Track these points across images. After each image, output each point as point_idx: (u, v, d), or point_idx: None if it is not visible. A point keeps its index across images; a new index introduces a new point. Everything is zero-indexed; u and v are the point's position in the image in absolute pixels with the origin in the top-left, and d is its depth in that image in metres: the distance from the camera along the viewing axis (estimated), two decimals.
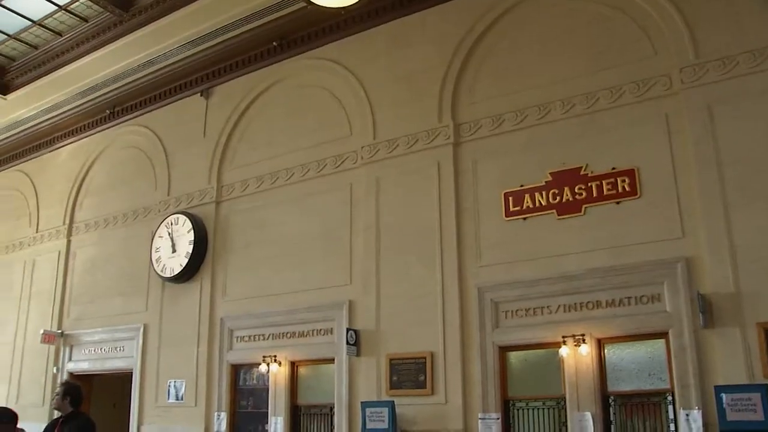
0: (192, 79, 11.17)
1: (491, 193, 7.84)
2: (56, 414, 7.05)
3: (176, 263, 10.32)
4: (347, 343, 8.26)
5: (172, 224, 10.57)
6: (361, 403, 7.88)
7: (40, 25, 11.42)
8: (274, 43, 10.08)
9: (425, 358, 7.77)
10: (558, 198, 7.38)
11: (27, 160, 14.24)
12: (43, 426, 8.89)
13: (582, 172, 7.31)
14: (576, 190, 7.29)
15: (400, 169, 8.57)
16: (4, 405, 6.92)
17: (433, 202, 8.16)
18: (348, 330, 8.34)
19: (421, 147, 8.44)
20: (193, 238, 10.19)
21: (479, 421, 7.31)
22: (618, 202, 7.06)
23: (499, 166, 7.87)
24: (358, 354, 8.32)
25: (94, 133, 12.83)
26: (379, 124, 8.90)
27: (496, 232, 7.71)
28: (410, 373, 7.85)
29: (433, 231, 8.08)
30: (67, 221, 12.80)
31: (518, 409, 7.30)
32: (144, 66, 11.34)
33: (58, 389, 6.64)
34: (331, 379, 8.65)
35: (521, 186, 7.62)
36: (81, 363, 11.83)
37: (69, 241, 12.66)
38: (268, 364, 9.10)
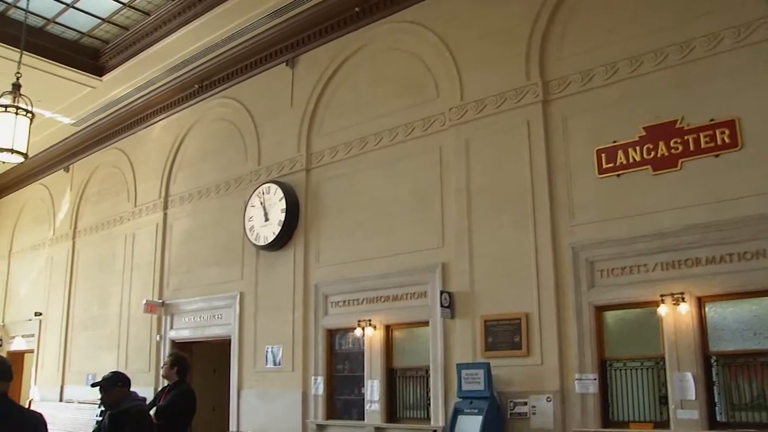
0: (277, 49, 11.43)
1: (583, 151, 7.77)
2: (164, 382, 7.52)
3: (269, 231, 10.66)
4: (441, 305, 8.37)
5: (263, 193, 10.90)
6: (457, 365, 7.99)
7: (130, 6, 11.85)
8: (357, 9, 10.17)
9: (520, 319, 7.84)
10: (653, 153, 7.25)
11: (123, 138, 14.94)
12: (150, 390, 9.45)
13: (677, 126, 7.13)
14: (671, 144, 7.13)
15: (490, 130, 8.57)
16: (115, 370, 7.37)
17: (523, 162, 8.15)
18: (442, 292, 8.44)
19: (510, 106, 8.42)
20: (284, 207, 10.47)
21: (576, 381, 7.34)
22: (717, 155, 6.86)
23: (591, 122, 7.79)
24: (452, 316, 8.45)
25: (185, 108, 13.33)
26: (466, 85, 8.92)
27: (589, 191, 7.66)
28: (505, 335, 7.93)
29: (525, 191, 8.08)
30: (163, 195, 13.38)
31: (615, 370, 7.28)
32: (230, 39, 11.65)
33: (167, 359, 7.05)
34: (425, 341, 8.81)
35: (614, 142, 7.52)
36: (182, 331, 12.43)
37: (165, 214, 13.25)
38: (363, 328, 9.34)
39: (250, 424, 10.71)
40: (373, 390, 9.21)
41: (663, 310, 6.87)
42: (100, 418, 11.91)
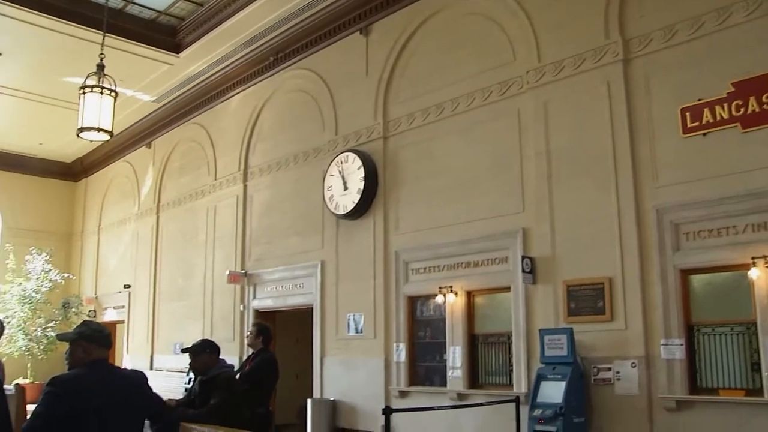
0: (350, 18, 11.49)
1: (666, 110, 7.58)
2: (249, 350, 7.78)
3: (348, 200, 10.83)
4: (523, 271, 8.38)
5: (342, 163, 11.06)
6: (540, 330, 7.99)
7: None
8: None
9: (603, 283, 7.78)
10: (742, 110, 7.01)
11: (202, 113, 15.34)
12: (236, 359, 9.76)
13: None
14: (763, 100, 6.88)
15: (568, 91, 8.46)
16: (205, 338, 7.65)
17: (604, 123, 8.02)
18: (523, 258, 8.44)
19: (589, 66, 8.28)
20: (363, 175, 10.61)
21: (661, 347, 7.26)
22: None
23: (674, 80, 7.58)
24: (534, 282, 8.45)
25: (261, 81, 13.57)
26: (543, 47, 8.80)
27: (673, 151, 7.48)
28: (588, 300, 7.89)
29: (606, 153, 7.96)
30: (242, 167, 13.72)
31: (703, 335, 7.16)
32: (303, 10, 11.76)
33: (252, 328, 7.30)
34: (507, 307, 8.83)
35: (699, 100, 7.31)
36: (264, 300, 12.80)
37: (245, 186, 13.60)
38: (444, 295, 9.43)
39: (333, 391, 10.99)
40: (455, 356, 9.31)
41: (754, 273, 6.69)
42: (189, 385, 12.45)
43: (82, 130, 9.07)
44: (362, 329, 10.63)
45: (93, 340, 3.75)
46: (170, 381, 13.95)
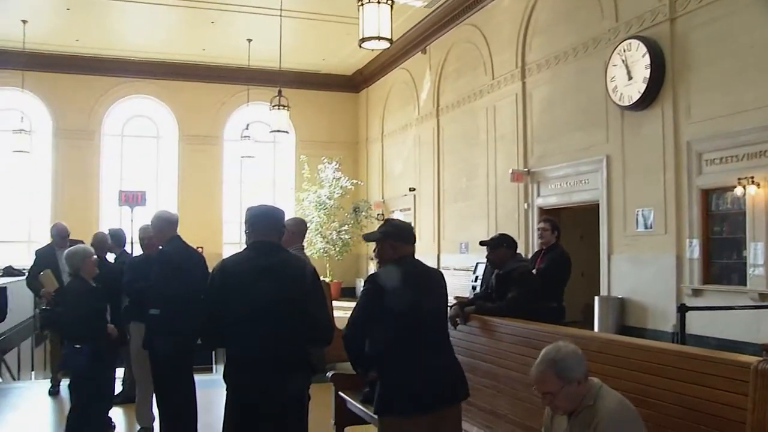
0: None
1: None
2: (534, 247, 7.94)
3: (633, 90, 10.44)
4: None
5: (624, 51, 10.63)
6: None
7: None
8: None
9: None
10: None
11: (474, 13, 15.46)
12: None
13: None
14: None
15: None
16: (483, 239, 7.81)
17: None
18: None
19: None
20: (648, 62, 10.13)
21: None
22: None
23: None
24: None
25: None
26: None
27: None
28: None
29: None
30: (519, 64, 13.69)
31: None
32: None
33: (544, 224, 7.41)
34: None
35: None
36: (548, 198, 12.93)
37: (524, 83, 13.60)
38: (744, 187, 8.87)
39: (621, 289, 10.95)
40: (756, 253, 8.81)
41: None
42: (476, 283, 13.08)
43: (363, 40, 9.64)
44: (652, 225, 10.38)
45: (398, 238, 4.10)
46: (457, 279, 14.73)
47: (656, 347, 3.70)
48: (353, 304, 4.02)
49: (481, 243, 6.25)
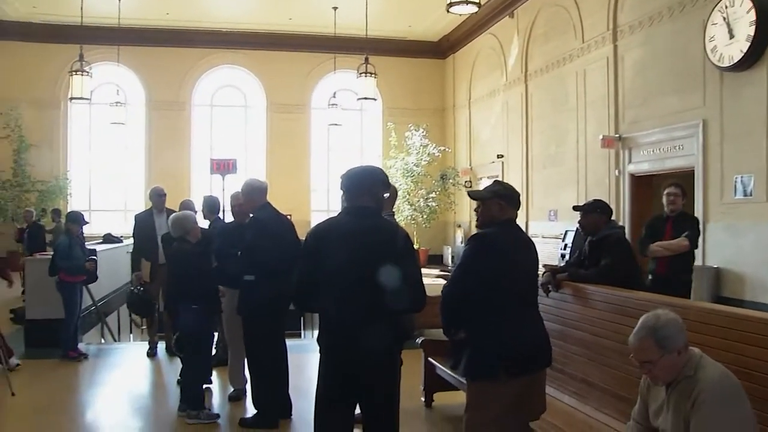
0: None
1: None
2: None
3: (735, 50, 9.90)
4: None
5: (726, 8, 10.08)
6: None
7: None
8: None
9: None
10: None
11: None
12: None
13: None
14: None
15: None
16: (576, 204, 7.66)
17: None
18: None
19: None
20: (754, 18, 9.56)
21: None
22: None
23: None
24: None
25: None
26: None
27: None
28: None
29: None
30: (611, 27, 13.26)
31: None
32: None
33: (673, 188, 7.23)
34: None
35: None
36: (641, 164, 12.55)
37: (615, 46, 13.16)
38: None
39: (717, 259, 10.59)
40: None
41: None
42: (565, 251, 12.88)
43: (451, 5, 9.56)
44: (752, 192, 9.94)
45: (509, 200, 4.06)
46: (545, 247, 14.55)
47: (757, 317, 3.56)
48: (439, 272, 4.01)
49: (575, 208, 6.14)
